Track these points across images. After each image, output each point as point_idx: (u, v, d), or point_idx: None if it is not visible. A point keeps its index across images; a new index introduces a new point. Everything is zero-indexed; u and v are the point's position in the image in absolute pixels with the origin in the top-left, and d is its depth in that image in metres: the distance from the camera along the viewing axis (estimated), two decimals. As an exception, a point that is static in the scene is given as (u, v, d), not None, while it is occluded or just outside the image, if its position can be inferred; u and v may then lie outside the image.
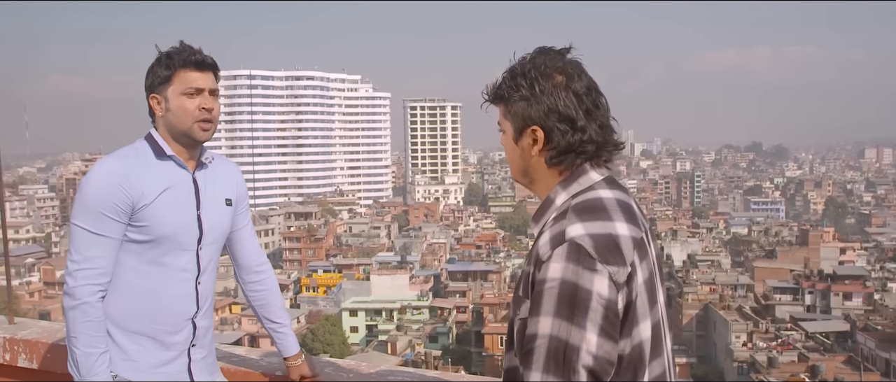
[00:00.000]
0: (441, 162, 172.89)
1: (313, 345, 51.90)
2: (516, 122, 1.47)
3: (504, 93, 1.47)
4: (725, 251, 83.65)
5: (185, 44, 1.98)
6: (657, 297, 1.41)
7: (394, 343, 50.69)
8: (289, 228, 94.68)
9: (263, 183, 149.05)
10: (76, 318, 1.86)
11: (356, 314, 59.95)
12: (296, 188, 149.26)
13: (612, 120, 1.47)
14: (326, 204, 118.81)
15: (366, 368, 2.53)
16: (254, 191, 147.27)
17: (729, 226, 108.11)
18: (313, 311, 60.74)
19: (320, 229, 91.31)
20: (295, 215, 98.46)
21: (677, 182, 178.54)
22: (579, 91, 1.43)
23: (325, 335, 52.56)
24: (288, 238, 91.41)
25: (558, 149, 1.43)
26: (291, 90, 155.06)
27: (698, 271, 68.48)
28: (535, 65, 1.44)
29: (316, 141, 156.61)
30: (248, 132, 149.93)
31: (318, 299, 66.35)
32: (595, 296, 1.28)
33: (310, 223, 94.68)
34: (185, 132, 1.96)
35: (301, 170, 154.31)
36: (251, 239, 2.25)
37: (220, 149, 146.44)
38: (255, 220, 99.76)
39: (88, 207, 1.87)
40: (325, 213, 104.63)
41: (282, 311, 2.28)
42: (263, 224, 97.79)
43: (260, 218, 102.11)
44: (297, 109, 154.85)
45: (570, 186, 1.45)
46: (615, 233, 1.34)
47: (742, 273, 68.65)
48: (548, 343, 1.28)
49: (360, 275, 68.67)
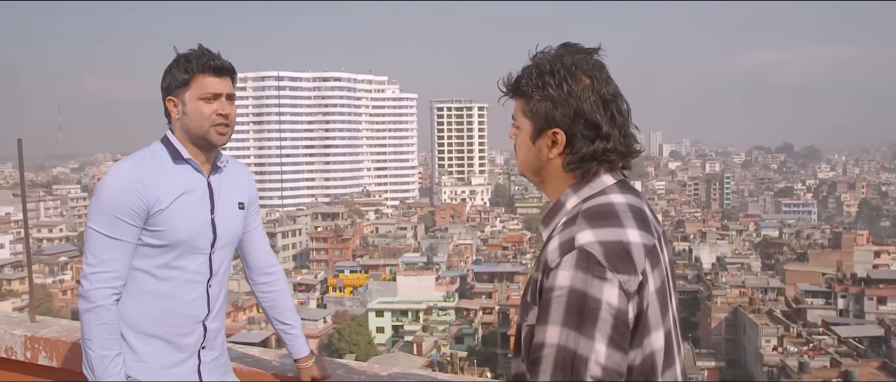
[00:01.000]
0: (468, 163, 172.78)
1: (339, 345, 52.14)
2: (537, 122, 1.39)
3: (527, 88, 1.40)
4: (755, 253, 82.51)
5: (203, 47, 1.98)
6: (669, 306, 1.37)
7: (420, 344, 50.74)
8: (316, 228, 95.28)
9: (291, 183, 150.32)
10: (91, 321, 1.88)
11: (382, 314, 60.13)
12: (323, 188, 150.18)
13: (633, 127, 1.41)
14: (353, 204, 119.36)
15: (378, 370, 2.51)
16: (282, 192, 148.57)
17: (759, 229, 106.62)
18: (340, 311, 61.02)
19: (347, 229, 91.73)
20: (322, 215, 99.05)
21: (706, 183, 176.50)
22: (606, 96, 1.37)
23: (351, 335, 52.77)
24: (315, 238, 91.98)
25: (580, 155, 1.37)
26: (319, 91, 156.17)
27: (727, 274, 67.64)
28: (564, 64, 1.37)
29: (343, 141, 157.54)
30: (276, 133, 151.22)
31: (345, 299, 66.64)
32: (604, 306, 1.24)
33: (337, 223, 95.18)
34: (201, 136, 1.97)
35: (328, 170, 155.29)
36: (261, 241, 2.25)
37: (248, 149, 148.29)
38: (282, 220, 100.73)
39: (104, 211, 1.88)
40: (351, 214, 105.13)
41: (292, 312, 2.28)
42: (291, 224, 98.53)
43: (287, 218, 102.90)
44: (324, 110, 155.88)
45: (582, 190, 1.40)
46: (626, 241, 1.30)
47: (772, 276, 67.65)
48: (555, 353, 1.24)
49: (386, 276, 68.88)
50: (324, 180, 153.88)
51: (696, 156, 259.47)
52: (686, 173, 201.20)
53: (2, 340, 2.97)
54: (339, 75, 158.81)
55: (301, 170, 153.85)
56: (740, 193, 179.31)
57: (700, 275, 71.28)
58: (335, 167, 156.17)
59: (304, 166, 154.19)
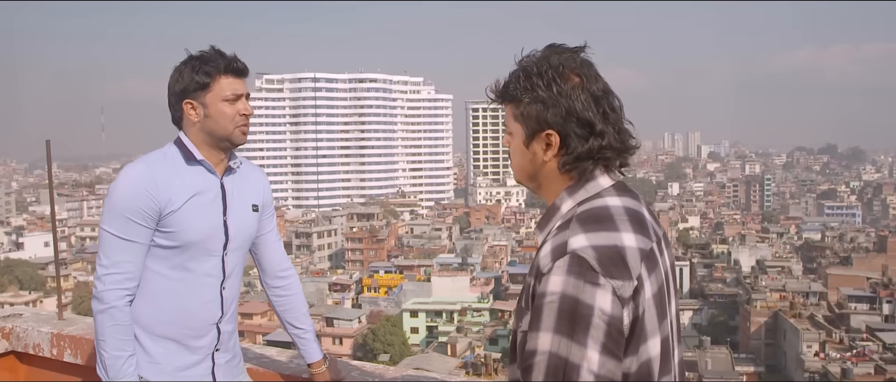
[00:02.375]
0: (503, 163, 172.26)
1: (374, 345, 52.39)
2: (529, 125, 1.37)
3: (516, 92, 1.37)
4: (797, 257, 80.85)
5: (217, 49, 1.98)
6: (667, 312, 1.33)
7: (454, 345, 50.73)
8: (351, 229, 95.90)
9: (327, 184, 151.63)
10: (104, 322, 1.89)
11: (417, 315, 60.27)
12: (358, 189, 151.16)
13: (627, 123, 1.39)
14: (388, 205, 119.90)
15: (392, 373, 2.51)
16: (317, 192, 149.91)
17: (801, 231, 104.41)
18: (374, 311, 61.32)
19: (382, 230, 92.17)
20: (357, 216, 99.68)
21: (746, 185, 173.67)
22: (597, 93, 1.34)
23: (385, 335, 53.00)
24: (350, 238, 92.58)
25: (575, 154, 1.34)
26: (355, 92, 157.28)
27: (767, 277, 66.36)
28: (551, 65, 1.34)
29: (378, 143, 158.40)
30: (312, 133, 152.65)
31: (380, 299, 66.96)
32: (597, 312, 1.20)
33: (372, 224, 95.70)
34: (226, 137, 1.98)
35: (364, 171, 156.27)
36: (276, 244, 2.25)
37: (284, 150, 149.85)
38: (318, 221, 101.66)
39: (116, 212, 1.89)
40: (386, 215, 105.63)
41: (305, 317, 2.27)
42: (326, 224, 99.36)
43: (323, 218, 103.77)
44: (360, 111, 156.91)
45: (577, 193, 1.37)
46: (621, 245, 1.26)
47: (814, 280, 66.23)
48: (547, 360, 1.21)
49: (421, 277, 69.06)
50: (359, 181, 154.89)
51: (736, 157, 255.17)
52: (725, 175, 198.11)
53: (29, 337, 3.04)
54: (374, 76, 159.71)
55: (337, 170, 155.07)
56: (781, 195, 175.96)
57: (739, 279, 70.14)
58: (371, 168, 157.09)
59: (339, 167, 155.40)
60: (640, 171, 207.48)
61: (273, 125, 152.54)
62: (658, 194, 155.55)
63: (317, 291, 67.70)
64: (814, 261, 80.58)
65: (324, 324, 57.08)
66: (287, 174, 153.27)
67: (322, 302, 65.11)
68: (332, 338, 56.27)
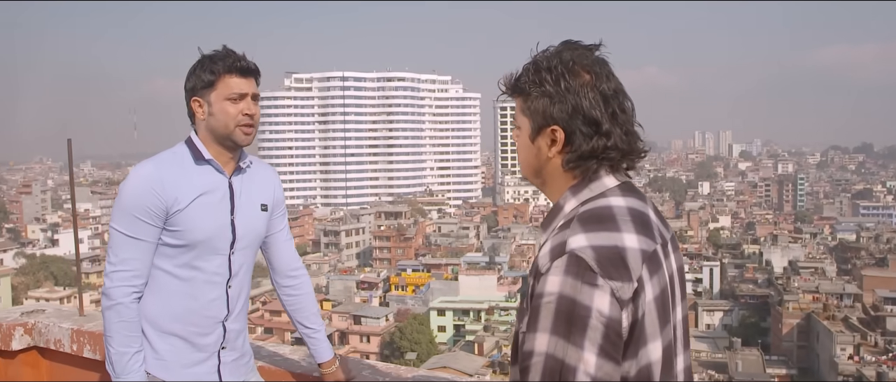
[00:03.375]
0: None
1: (401, 344, 52.54)
2: (536, 120, 1.35)
3: (524, 86, 1.36)
4: (831, 258, 79.47)
5: (227, 48, 2.00)
6: (671, 316, 1.30)
7: (481, 344, 50.70)
8: (379, 227, 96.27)
9: (355, 182, 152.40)
10: (111, 318, 1.91)
11: (444, 313, 60.34)
12: (386, 188, 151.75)
13: (637, 125, 1.37)
14: (416, 203, 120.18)
15: (405, 372, 2.49)
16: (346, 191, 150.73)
17: (835, 232, 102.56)
18: (401, 310, 61.51)
19: (410, 229, 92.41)
20: (385, 214, 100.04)
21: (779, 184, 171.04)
22: (607, 92, 1.32)
23: (412, 334, 53.12)
24: (378, 237, 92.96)
25: (579, 153, 1.32)
26: (383, 91, 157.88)
27: (800, 278, 65.36)
28: (562, 60, 1.32)
29: (406, 141, 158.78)
30: (340, 132, 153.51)
31: (407, 298, 67.15)
32: (595, 313, 1.17)
33: (400, 222, 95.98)
34: (227, 136, 1.98)
35: (392, 170, 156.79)
36: (286, 244, 2.25)
37: (313, 148, 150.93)
38: (346, 219, 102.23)
39: (124, 211, 1.91)
40: (414, 213, 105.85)
41: (316, 317, 2.27)
42: (354, 223, 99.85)
43: (351, 217, 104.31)
44: (388, 110, 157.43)
45: (581, 192, 1.35)
46: (621, 245, 1.24)
47: (849, 281, 65.04)
48: (544, 362, 1.19)
49: (448, 275, 69.07)
50: (387, 179, 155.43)
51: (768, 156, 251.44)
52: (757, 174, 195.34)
53: (51, 332, 3.08)
54: (402, 75, 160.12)
55: (365, 169, 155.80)
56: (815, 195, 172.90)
57: (771, 280, 69.17)
58: (398, 166, 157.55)
59: (367, 165, 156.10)
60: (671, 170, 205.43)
61: (302, 124, 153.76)
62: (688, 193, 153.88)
63: (345, 289, 68.09)
64: (848, 262, 79.19)
65: (351, 322, 57.38)
66: (315, 172, 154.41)
67: (350, 299, 65.45)
68: (360, 336, 56.55)
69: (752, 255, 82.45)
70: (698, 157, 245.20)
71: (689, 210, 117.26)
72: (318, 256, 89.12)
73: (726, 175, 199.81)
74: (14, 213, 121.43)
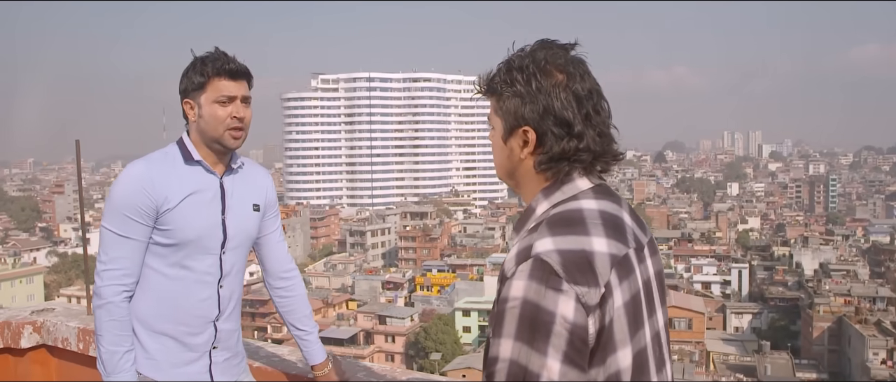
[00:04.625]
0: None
1: (426, 344, 52.60)
2: (508, 120, 1.33)
3: (497, 86, 1.33)
4: (863, 260, 77.99)
5: (219, 50, 2.00)
6: (643, 322, 1.26)
7: (505, 345, 50.45)
8: (404, 228, 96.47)
9: (381, 182, 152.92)
10: (102, 317, 1.92)
11: (469, 314, 60.26)
12: (412, 188, 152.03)
13: (613, 128, 1.34)
14: (442, 204, 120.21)
15: (400, 375, 2.48)
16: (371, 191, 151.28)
17: (868, 234, 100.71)
18: (427, 310, 61.57)
19: (435, 229, 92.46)
20: (411, 215, 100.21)
21: (810, 185, 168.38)
22: (580, 93, 1.28)
23: (437, 334, 53.15)
24: (403, 237, 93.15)
25: (550, 154, 1.29)
26: (409, 92, 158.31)
27: (831, 281, 64.18)
28: (535, 60, 1.29)
29: (432, 141, 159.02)
30: (366, 133, 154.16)
31: (432, 298, 67.18)
32: (559, 319, 1.14)
33: (425, 223, 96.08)
34: (216, 139, 1.99)
35: (417, 170, 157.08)
36: (279, 245, 2.25)
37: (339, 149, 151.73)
38: (371, 219, 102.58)
39: (115, 210, 1.92)
40: (440, 213, 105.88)
41: (308, 319, 2.27)
42: (380, 223, 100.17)
43: (377, 217, 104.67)
44: (414, 110, 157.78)
45: (553, 194, 1.31)
46: (589, 250, 1.20)
47: (882, 284, 63.75)
48: (508, 368, 1.16)
49: (473, 276, 69.00)
50: (413, 180, 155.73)
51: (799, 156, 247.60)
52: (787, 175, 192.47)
53: (58, 331, 3.11)
54: (428, 76, 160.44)
55: (391, 169, 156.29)
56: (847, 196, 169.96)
57: (801, 282, 68.10)
58: (424, 167, 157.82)
59: (393, 166, 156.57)
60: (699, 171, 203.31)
61: (328, 124, 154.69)
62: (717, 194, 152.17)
63: (370, 289, 68.34)
64: (882, 265, 77.67)
65: (377, 322, 57.57)
66: (342, 172, 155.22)
67: (375, 300, 65.69)
68: (385, 336, 56.72)
69: (781, 257, 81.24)
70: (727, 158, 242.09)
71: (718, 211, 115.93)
72: (343, 256, 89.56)
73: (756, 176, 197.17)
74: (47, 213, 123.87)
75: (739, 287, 73.37)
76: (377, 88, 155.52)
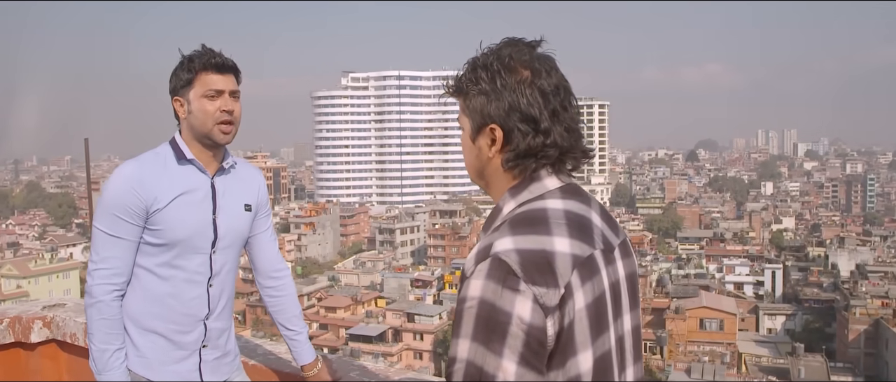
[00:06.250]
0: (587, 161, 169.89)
1: (454, 342, 52.48)
2: (474, 119, 1.32)
3: (463, 85, 1.32)
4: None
5: (206, 47, 2.02)
6: (608, 325, 1.24)
7: (533, 344, 50.32)
8: (434, 226, 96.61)
9: (410, 180, 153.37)
10: (93, 316, 1.95)
11: (497, 312, 60.07)
12: (441, 186, 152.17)
13: (582, 124, 1.32)
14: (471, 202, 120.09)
15: (394, 375, 2.46)
16: (401, 189, 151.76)
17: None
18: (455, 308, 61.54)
19: (464, 227, 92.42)
20: (440, 213, 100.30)
21: (847, 185, 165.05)
22: (546, 89, 1.27)
23: (465, 332, 53.08)
24: (432, 235, 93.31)
25: (517, 151, 1.28)
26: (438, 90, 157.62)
27: (869, 283, 62.83)
28: (499, 57, 1.28)
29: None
30: (396, 131, 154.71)
31: (461, 296, 67.08)
32: (515, 320, 1.13)
33: (454, 221, 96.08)
34: (205, 134, 2.00)
35: (447, 168, 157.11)
36: (270, 245, 2.25)
37: (369, 147, 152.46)
38: (401, 217, 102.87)
39: (106, 210, 1.94)
40: (469, 212, 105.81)
41: (297, 319, 2.27)
42: (409, 221, 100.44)
43: (406, 215, 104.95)
44: (443, 108, 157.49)
45: (520, 194, 1.30)
46: (550, 250, 1.18)
47: (921, 287, 62.22)
48: (465, 369, 1.14)
49: (501, 274, 68.75)
50: (442, 178, 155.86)
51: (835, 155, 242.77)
52: (823, 174, 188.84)
53: (66, 326, 3.14)
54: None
55: (420, 167, 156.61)
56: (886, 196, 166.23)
57: (837, 284, 66.78)
58: (454, 165, 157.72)
59: (423, 164, 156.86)
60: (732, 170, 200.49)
61: (358, 122, 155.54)
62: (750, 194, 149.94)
63: (399, 287, 68.55)
64: (921, 267, 75.84)
65: (405, 320, 57.73)
66: (371, 171, 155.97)
67: (404, 297, 65.86)
68: (414, 334, 56.85)
69: (816, 258, 79.77)
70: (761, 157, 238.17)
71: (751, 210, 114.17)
72: (372, 254, 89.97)
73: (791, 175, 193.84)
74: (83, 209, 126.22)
75: (772, 288, 72.24)
76: (407, 86, 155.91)
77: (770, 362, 52.09)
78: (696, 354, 50.13)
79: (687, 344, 51.07)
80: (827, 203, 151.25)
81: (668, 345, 49.62)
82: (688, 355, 49.69)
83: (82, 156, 3.31)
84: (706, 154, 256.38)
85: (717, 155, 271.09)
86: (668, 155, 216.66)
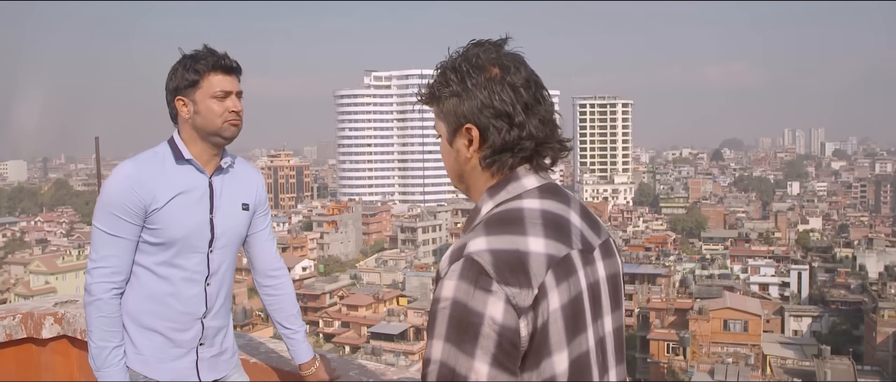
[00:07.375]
0: (610, 160, 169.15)
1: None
2: (449, 121, 1.32)
3: (435, 90, 1.33)
4: (932, 264, 74.85)
5: (209, 47, 2.03)
6: (585, 326, 1.22)
7: (554, 343, 50.13)
8: (455, 224, 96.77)
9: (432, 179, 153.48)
10: (92, 313, 1.97)
11: (518, 311, 59.96)
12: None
13: (557, 114, 1.32)
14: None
15: (392, 374, 2.46)
16: (423, 187, 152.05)
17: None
18: (476, 307, 61.46)
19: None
20: (461, 211, 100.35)
21: (876, 185, 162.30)
22: (517, 84, 1.27)
23: (486, 331, 53.01)
24: (454, 234, 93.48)
25: (494, 147, 1.28)
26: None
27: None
28: (467, 58, 1.30)
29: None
30: (418, 130, 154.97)
31: (482, 295, 67.02)
32: (487, 321, 1.12)
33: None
34: (215, 132, 2.02)
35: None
36: (268, 244, 2.27)
37: (391, 145, 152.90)
38: (423, 216, 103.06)
39: (105, 209, 1.97)
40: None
41: (295, 318, 2.29)
42: (431, 219, 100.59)
43: (428, 213, 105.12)
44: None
45: (498, 194, 1.29)
46: (524, 250, 1.17)
47: (952, 289, 61.03)
48: (438, 370, 1.14)
49: (523, 273, 68.63)
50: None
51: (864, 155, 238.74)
52: (852, 174, 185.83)
53: (78, 322, 3.18)
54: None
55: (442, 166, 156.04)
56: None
57: (865, 285, 65.73)
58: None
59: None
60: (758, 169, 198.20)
61: (381, 121, 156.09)
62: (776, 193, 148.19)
63: (420, 285, 68.68)
64: (952, 269, 74.39)
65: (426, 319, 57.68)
66: (394, 169, 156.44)
67: (426, 296, 65.92)
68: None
69: (844, 259, 78.62)
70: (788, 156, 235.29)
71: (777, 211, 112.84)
72: (394, 252, 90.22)
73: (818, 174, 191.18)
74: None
75: (798, 289, 71.25)
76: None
77: (796, 364, 51.40)
78: (720, 355, 49.57)
79: (710, 345, 50.51)
80: (855, 203, 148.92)
81: (692, 346, 49.16)
82: (711, 356, 49.15)
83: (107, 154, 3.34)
84: (731, 153, 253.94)
85: (743, 154, 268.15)
86: (693, 154, 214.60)
